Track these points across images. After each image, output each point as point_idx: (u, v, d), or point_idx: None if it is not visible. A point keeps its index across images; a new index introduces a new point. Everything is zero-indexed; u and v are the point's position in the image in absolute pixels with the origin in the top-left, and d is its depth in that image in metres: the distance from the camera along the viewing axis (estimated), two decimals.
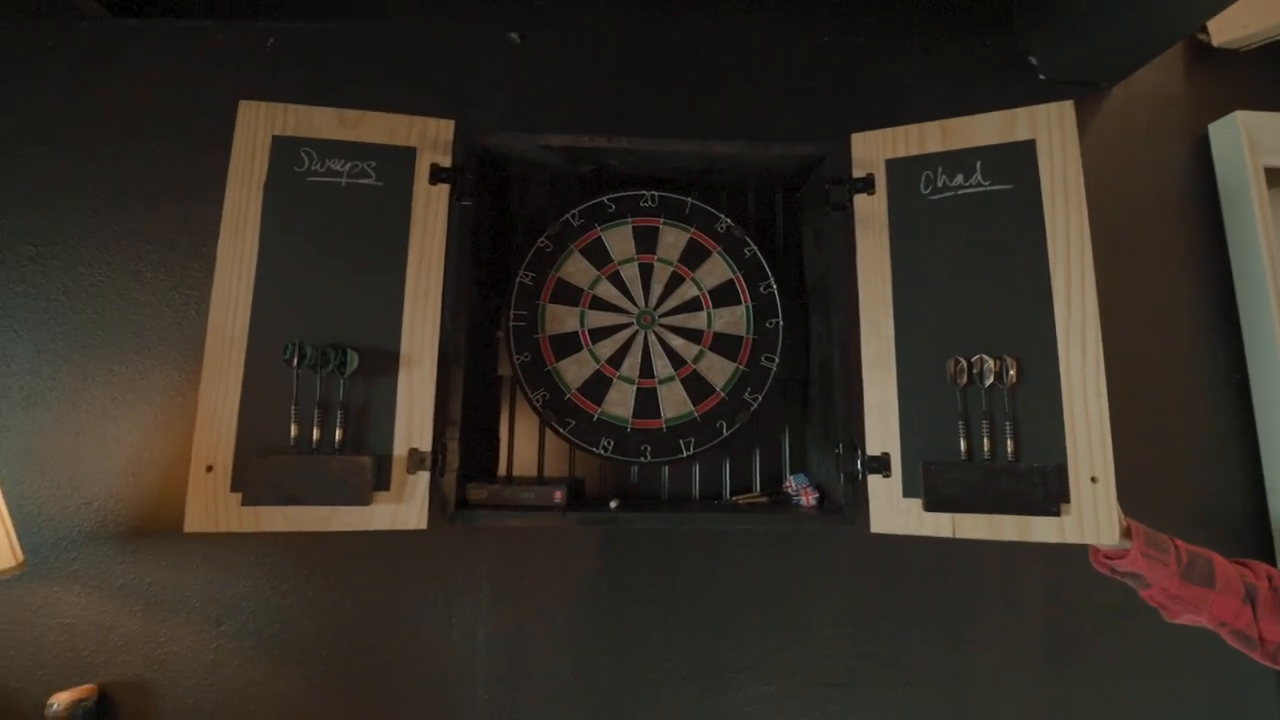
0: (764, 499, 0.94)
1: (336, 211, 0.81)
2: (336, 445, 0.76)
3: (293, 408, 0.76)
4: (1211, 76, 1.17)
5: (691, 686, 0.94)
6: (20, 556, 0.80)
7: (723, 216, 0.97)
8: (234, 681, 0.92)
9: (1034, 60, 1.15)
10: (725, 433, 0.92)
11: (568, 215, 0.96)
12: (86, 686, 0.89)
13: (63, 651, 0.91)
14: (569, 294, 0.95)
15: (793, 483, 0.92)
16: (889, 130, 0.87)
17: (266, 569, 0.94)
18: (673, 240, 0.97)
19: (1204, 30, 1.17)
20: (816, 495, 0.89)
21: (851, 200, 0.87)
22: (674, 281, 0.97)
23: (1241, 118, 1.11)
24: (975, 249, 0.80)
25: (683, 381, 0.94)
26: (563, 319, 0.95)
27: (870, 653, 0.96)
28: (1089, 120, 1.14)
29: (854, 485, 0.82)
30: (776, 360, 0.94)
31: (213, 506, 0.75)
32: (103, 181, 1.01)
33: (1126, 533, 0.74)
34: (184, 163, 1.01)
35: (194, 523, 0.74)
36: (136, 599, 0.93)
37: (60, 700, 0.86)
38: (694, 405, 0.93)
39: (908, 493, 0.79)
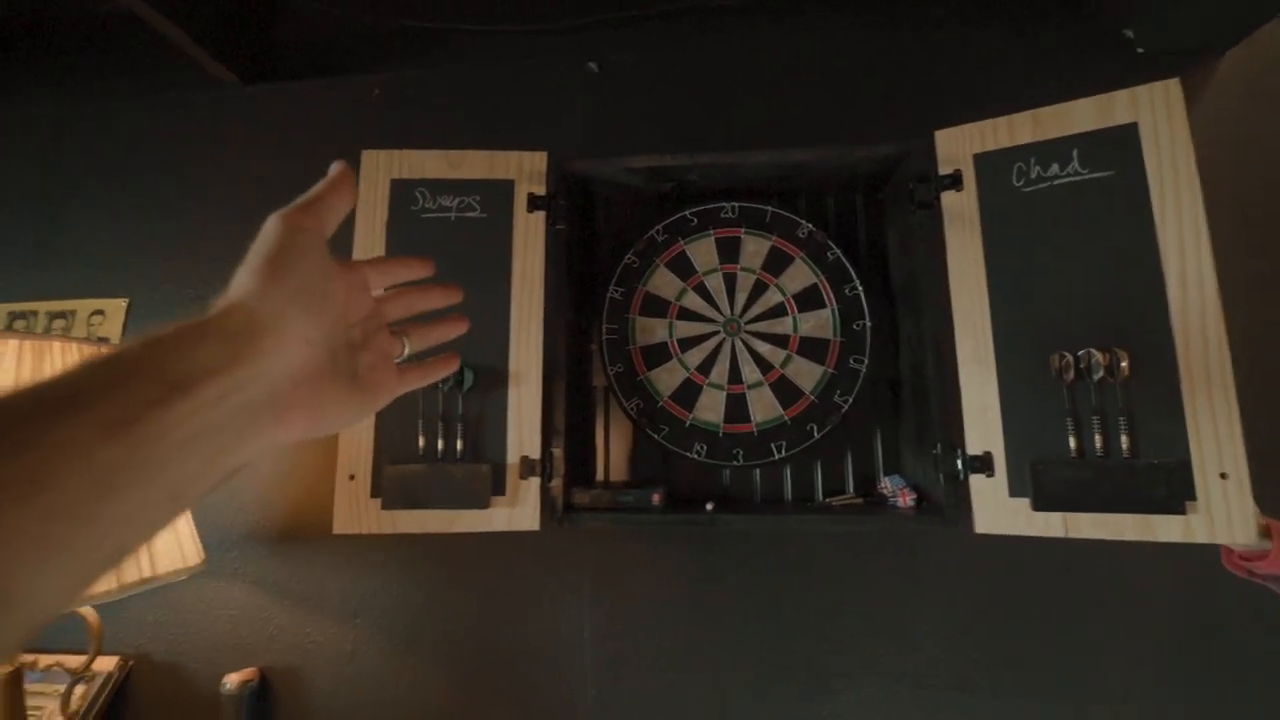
0: (858, 500, 0.94)
1: (448, 243, 0.89)
2: (458, 454, 0.84)
3: (420, 421, 0.85)
4: None
5: (790, 688, 0.95)
6: (202, 555, 0.93)
7: (803, 222, 0.99)
8: (369, 669, 1.03)
9: (1130, 34, 1.09)
10: (816, 435, 0.93)
11: (652, 231, 1.01)
12: (250, 669, 1.02)
13: (230, 638, 1.05)
14: (657, 306, 1.00)
15: (888, 484, 0.92)
16: (975, 125, 0.86)
17: (396, 568, 1.04)
18: (755, 249, 1.00)
19: None
20: (914, 496, 0.89)
21: (938, 198, 0.86)
22: (758, 289, 0.99)
23: None
24: (1075, 240, 0.78)
25: (771, 386, 0.96)
26: (652, 330, 0.99)
27: (978, 659, 0.94)
28: (1199, 94, 1.07)
29: (955, 486, 0.81)
30: (866, 362, 0.94)
31: (356, 510, 0.84)
32: (243, 238, 1.16)
33: (1265, 532, 0.69)
34: None
35: (341, 525, 0.84)
36: (287, 594, 1.06)
37: (231, 680, 0.99)
38: (784, 409, 0.95)
39: (1014, 492, 0.77)
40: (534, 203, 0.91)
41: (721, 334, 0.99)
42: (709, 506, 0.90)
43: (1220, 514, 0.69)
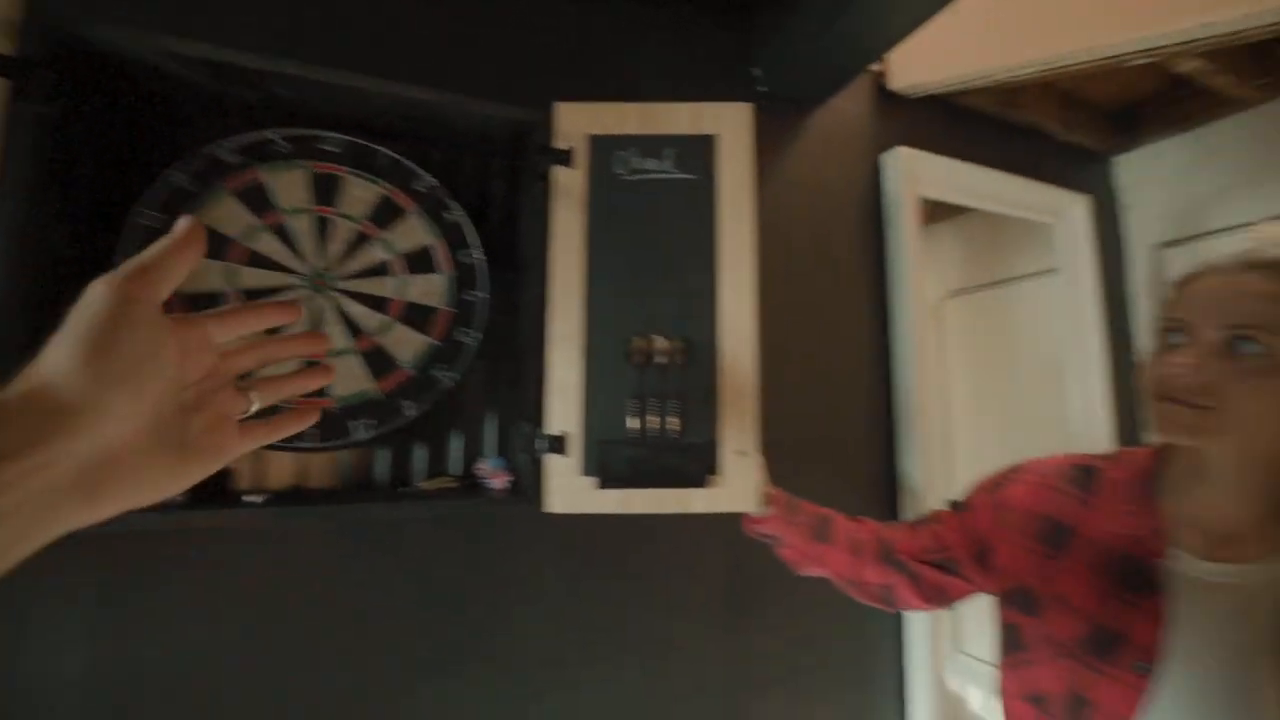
0: (454, 483, 0.87)
1: None
2: None
3: None
4: (888, 114, 1.39)
5: (380, 684, 0.84)
6: None
7: (424, 174, 0.88)
8: None
9: (756, 72, 1.25)
10: (413, 413, 0.83)
11: (215, 146, 0.78)
12: None
13: None
14: (215, 244, 0.77)
15: (486, 465, 0.87)
16: (595, 105, 0.86)
17: None
18: (361, 194, 0.85)
19: (885, 75, 1.38)
20: (510, 478, 0.85)
21: (551, 172, 0.84)
22: (359, 242, 0.85)
23: (904, 152, 1.33)
24: (660, 234, 0.83)
25: (364, 355, 0.83)
26: (203, 274, 0.77)
27: (574, 634, 0.96)
28: (798, 136, 1.28)
29: (538, 466, 0.80)
30: (477, 335, 0.88)
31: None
32: None
33: (770, 500, 0.82)
34: None
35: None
36: None
37: None
38: (376, 381, 0.83)
39: (586, 471, 0.78)
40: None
41: (305, 289, 0.81)
42: (255, 499, 0.73)
43: (736, 486, 0.79)
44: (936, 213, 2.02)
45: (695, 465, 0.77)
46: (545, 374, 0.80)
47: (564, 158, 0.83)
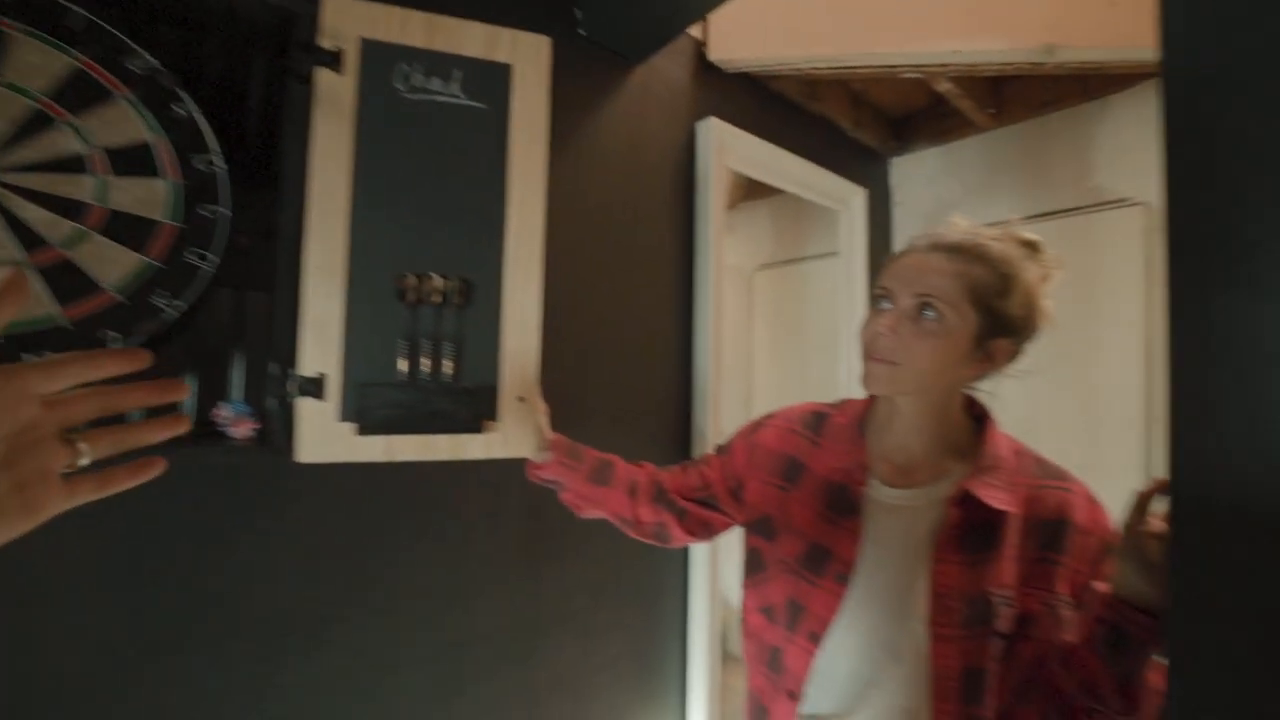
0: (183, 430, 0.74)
1: None
2: None
3: None
4: (706, 84, 1.45)
5: (130, 650, 0.70)
6: None
7: (141, 52, 0.71)
8: None
9: (578, 13, 1.21)
10: (120, 347, 0.68)
11: None
12: None
13: None
14: None
15: (227, 410, 0.75)
16: (371, 4, 0.75)
17: None
18: (40, 61, 0.66)
19: (705, 45, 1.43)
20: (256, 425, 0.75)
21: (315, 75, 0.73)
22: (37, 124, 0.66)
23: (716, 124, 1.39)
24: (443, 164, 0.77)
25: (43, 272, 0.65)
26: None
27: (334, 596, 0.89)
28: (618, 89, 1.27)
29: (287, 410, 0.71)
30: (214, 259, 0.74)
31: None
32: None
33: (551, 446, 0.83)
34: None
35: None
36: None
37: None
38: (62, 306, 0.66)
39: (345, 416, 0.71)
40: None
41: None
42: None
43: (514, 433, 0.78)
44: (756, 190, 2.18)
45: (469, 410, 0.75)
46: (300, 308, 0.70)
47: (331, 60, 0.72)
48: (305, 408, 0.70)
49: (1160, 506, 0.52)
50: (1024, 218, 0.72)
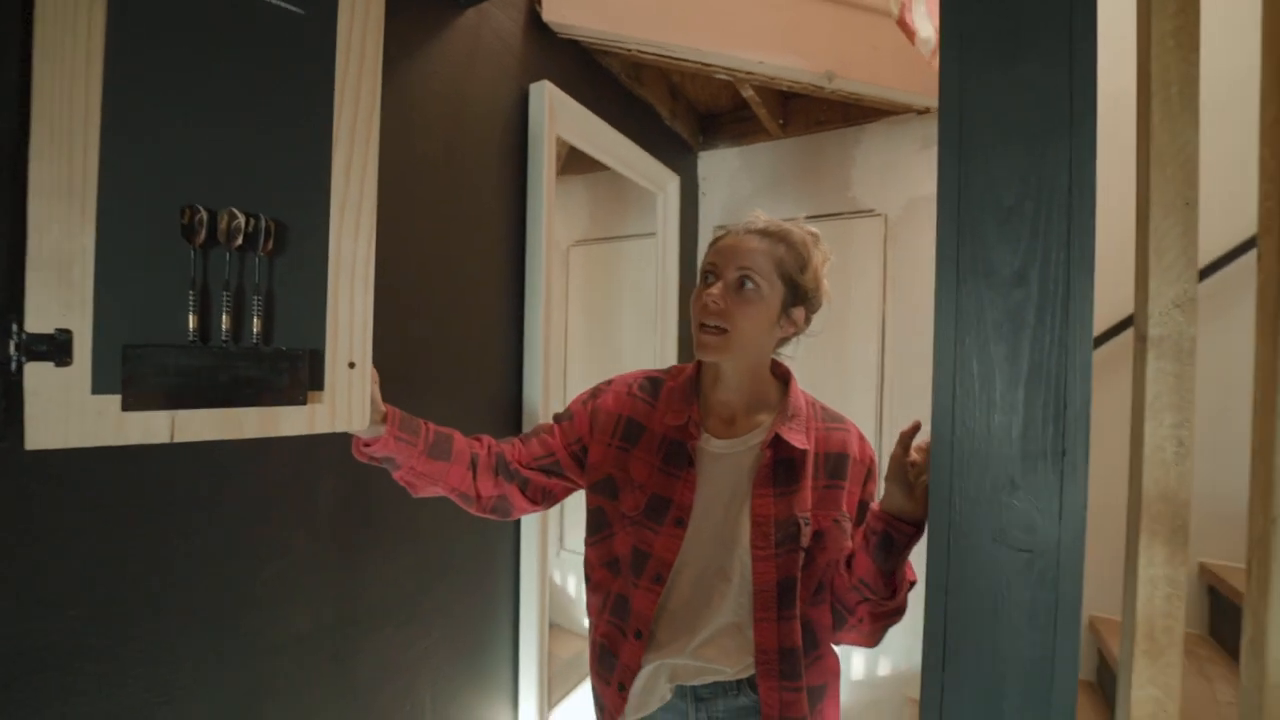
0: None
1: None
2: None
3: None
4: (541, 46, 1.40)
5: None
6: None
7: None
8: None
9: None
10: None
11: None
12: None
13: None
14: None
15: None
16: None
17: None
18: None
19: (540, 4, 1.38)
20: None
21: None
22: None
23: (548, 87, 1.36)
24: (249, 77, 0.62)
25: None
26: None
27: (104, 610, 0.68)
28: (442, 29, 1.15)
29: (6, 379, 0.52)
30: None
31: None
32: None
33: (384, 419, 0.75)
34: None
35: None
36: None
37: None
38: None
39: (101, 388, 0.55)
40: None
41: None
42: None
43: (343, 403, 0.69)
44: (572, 164, 2.18)
45: (287, 378, 0.63)
46: (28, 242, 0.51)
47: None
48: (37, 376, 0.51)
49: (919, 440, 0.68)
50: (804, 217, 0.87)
